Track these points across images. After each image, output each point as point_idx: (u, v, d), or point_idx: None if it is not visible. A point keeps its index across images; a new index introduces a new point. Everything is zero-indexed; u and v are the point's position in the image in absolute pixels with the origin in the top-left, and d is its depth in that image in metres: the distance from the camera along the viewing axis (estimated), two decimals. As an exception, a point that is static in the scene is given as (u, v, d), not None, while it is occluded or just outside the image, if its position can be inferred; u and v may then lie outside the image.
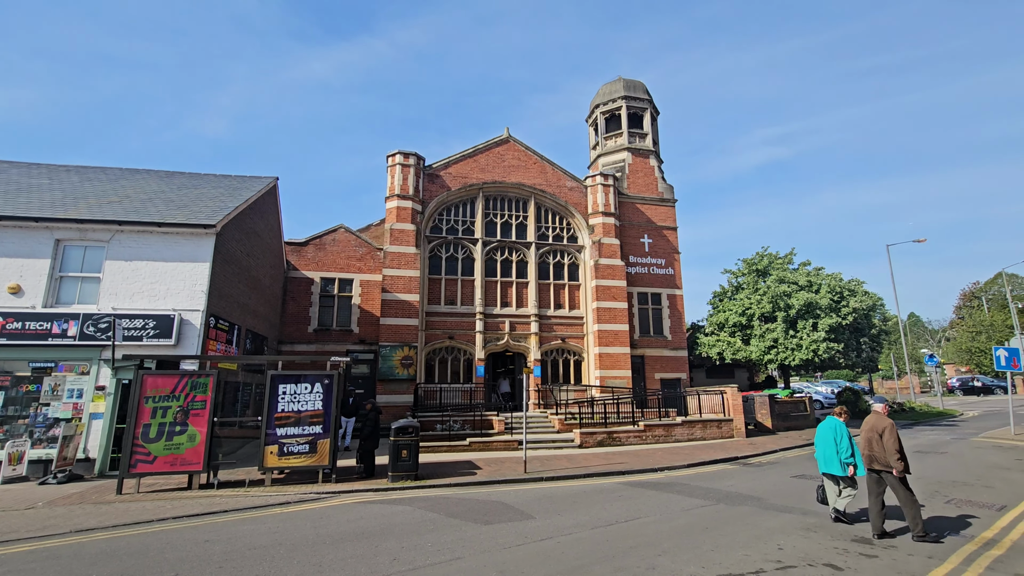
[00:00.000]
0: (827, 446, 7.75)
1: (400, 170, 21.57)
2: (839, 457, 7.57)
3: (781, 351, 21.12)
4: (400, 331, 20.01)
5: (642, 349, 23.60)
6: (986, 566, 5.81)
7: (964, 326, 64.77)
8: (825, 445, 7.79)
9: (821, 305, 20.46)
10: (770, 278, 22.77)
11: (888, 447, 6.96)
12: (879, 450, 7.10)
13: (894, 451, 6.89)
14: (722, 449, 15.77)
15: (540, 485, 10.97)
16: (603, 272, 22.82)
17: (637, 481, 11.32)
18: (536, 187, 23.51)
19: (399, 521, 7.99)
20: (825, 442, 7.80)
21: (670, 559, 6.09)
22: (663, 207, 25.73)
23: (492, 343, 21.65)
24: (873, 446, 7.18)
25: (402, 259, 20.65)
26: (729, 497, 9.52)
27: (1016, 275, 68.81)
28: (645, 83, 27.67)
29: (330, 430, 10.92)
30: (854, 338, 21.56)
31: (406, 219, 21.17)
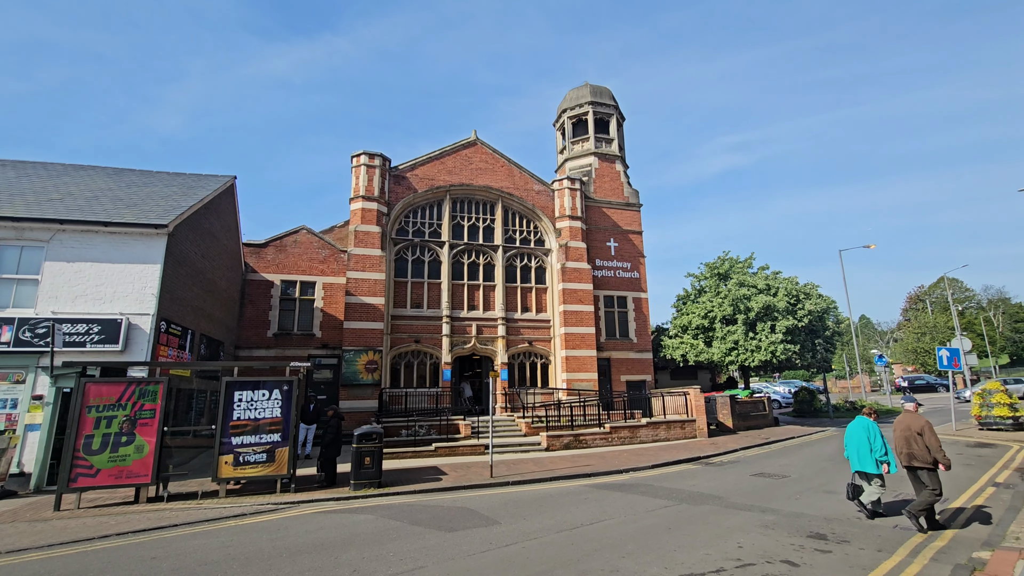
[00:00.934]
0: (861, 445, 7.96)
1: (365, 171, 21.20)
2: (873, 455, 7.80)
3: (741, 352, 21.75)
4: (364, 335, 19.62)
5: (608, 352, 23.88)
6: (930, 557, 6.08)
7: (910, 328, 68.37)
8: (859, 444, 7.99)
9: (779, 308, 21.20)
10: (731, 282, 23.45)
11: (932, 445, 7.24)
12: (919, 448, 7.35)
13: (939, 447, 7.22)
14: (685, 449, 16.08)
15: (507, 490, 10.90)
16: (570, 275, 23.00)
17: (603, 483, 11.40)
18: (504, 190, 23.51)
19: (361, 531, 7.78)
20: (858, 441, 8.01)
21: (634, 561, 6.13)
22: (629, 211, 26.17)
23: (459, 347, 21.48)
24: (912, 444, 7.42)
25: (367, 261, 20.27)
26: (692, 497, 9.69)
27: (957, 279, 73.18)
28: (611, 89, 28.12)
29: (289, 438, 10.58)
30: (810, 339, 22.41)
31: (371, 221, 20.80)
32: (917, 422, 7.47)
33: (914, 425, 7.46)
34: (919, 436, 7.36)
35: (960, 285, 73.31)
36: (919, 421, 7.47)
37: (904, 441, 7.53)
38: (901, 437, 7.60)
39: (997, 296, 73.78)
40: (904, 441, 7.53)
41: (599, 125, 27.20)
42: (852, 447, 8.12)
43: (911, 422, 7.54)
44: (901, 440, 7.59)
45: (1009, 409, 17.40)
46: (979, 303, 73.55)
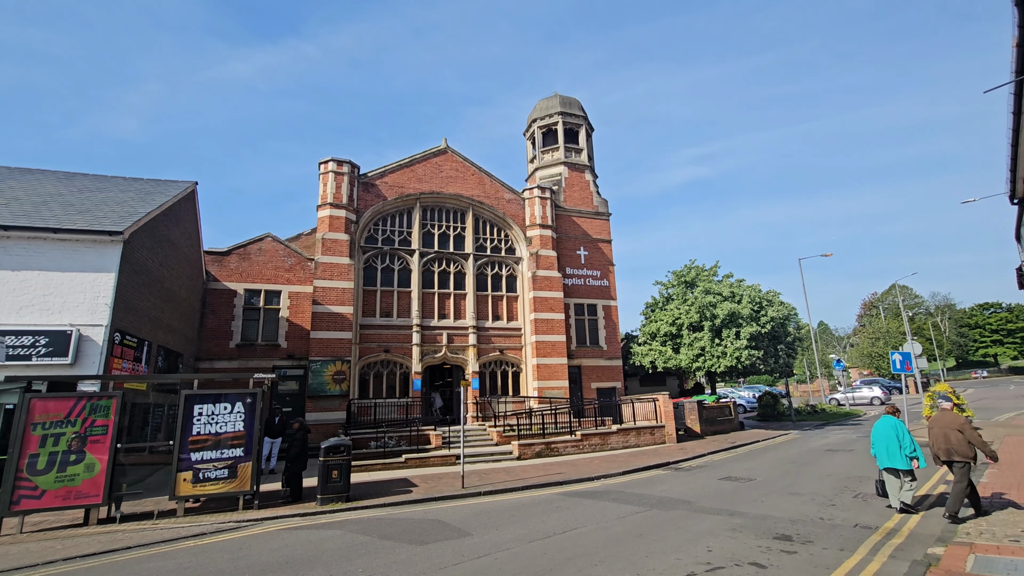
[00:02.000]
0: (890, 442, 8.26)
1: (333, 178, 20.86)
2: (902, 452, 8.11)
3: (708, 359, 22.25)
4: (332, 345, 19.19)
5: (579, 359, 24.03)
6: (888, 554, 6.30)
7: (865, 333, 71.35)
8: (888, 441, 8.29)
9: (743, 315, 21.81)
10: (697, 289, 24.01)
11: (975, 440, 7.62)
12: (958, 443, 7.70)
13: (983, 443, 7.61)
14: (655, 455, 16.27)
15: (478, 500, 10.78)
16: (541, 284, 23.10)
17: (574, 491, 11.41)
18: (474, 198, 23.50)
19: (328, 547, 7.55)
20: (887, 439, 8.31)
21: (606, 568, 6.13)
22: (598, 220, 26.52)
23: (429, 356, 21.25)
24: (951, 440, 7.78)
25: (335, 270, 19.88)
26: (662, 502, 9.79)
27: (907, 287, 76.93)
28: (580, 100, 28.57)
29: (253, 453, 10.22)
30: (772, 345, 23.11)
31: (339, 229, 20.45)
32: (957, 420, 7.90)
33: (954, 423, 7.88)
34: (960, 433, 7.75)
35: (910, 292, 77.13)
36: (959, 419, 7.90)
37: (943, 437, 7.92)
38: (940, 434, 7.99)
39: (944, 302, 77.91)
40: (943, 437, 7.92)
41: (568, 135, 27.55)
42: (881, 445, 8.40)
43: (950, 420, 7.96)
44: (940, 437, 7.97)
45: (956, 410, 18.25)
46: (927, 309, 77.50)
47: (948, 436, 7.88)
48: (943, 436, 7.95)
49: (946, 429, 7.95)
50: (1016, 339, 70.11)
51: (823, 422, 25.90)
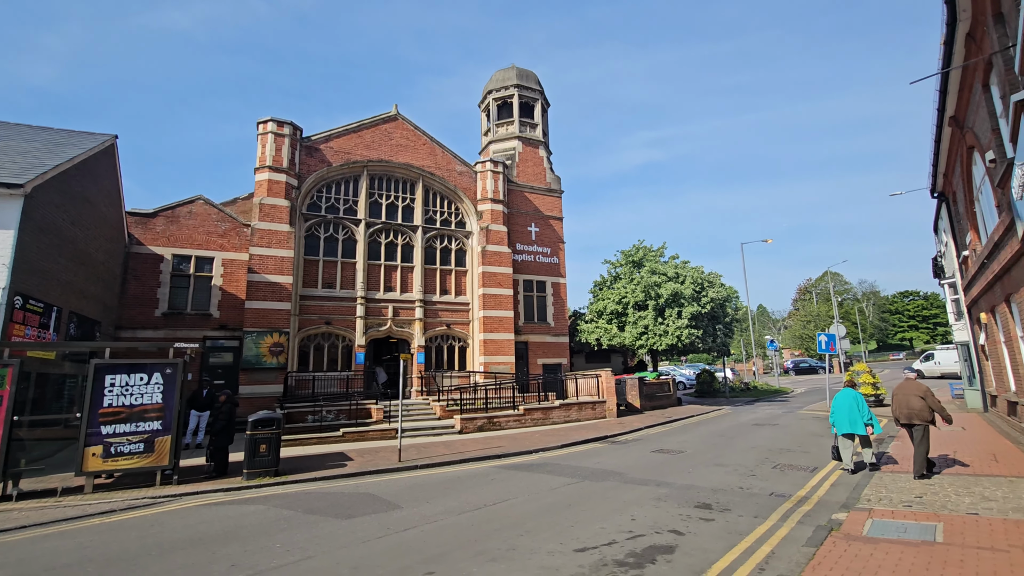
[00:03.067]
0: (851, 412, 9.14)
1: (273, 139, 19.66)
2: (862, 420, 9.06)
3: (651, 337, 22.89)
4: (269, 316, 18.37)
5: (526, 335, 24.17)
6: (797, 520, 6.66)
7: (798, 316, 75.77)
8: (849, 411, 9.16)
9: (685, 295, 22.49)
10: (644, 269, 24.52)
11: (935, 404, 8.39)
12: (919, 408, 8.46)
13: (941, 407, 8.38)
14: (594, 429, 16.67)
15: (414, 473, 10.68)
16: (490, 259, 22.91)
17: (512, 464, 11.50)
18: (425, 169, 22.84)
19: (248, 523, 7.24)
20: (848, 408, 9.18)
21: (531, 538, 6.17)
22: (550, 197, 26.46)
23: (374, 329, 20.76)
24: (913, 405, 8.53)
25: (273, 237, 18.91)
26: (595, 474, 10.01)
27: (839, 274, 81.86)
28: (538, 75, 28.11)
29: (172, 426, 9.64)
30: (711, 325, 24.02)
31: (279, 194, 19.39)
32: (920, 388, 8.68)
33: (917, 390, 8.65)
34: (921, 398, 8.49)
35: (841, 279, 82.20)
36: (921, 387, 8.69)
37: (904, 403, 8.68)
38: (903, 400, 8.73)
39: (870, 289, 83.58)
40: (904, 403, 8.68)
41: (524, 109, 27.12)
42: (842, 414, 9.23)
43: (913, 388, 8.73)
44: (901, 403, 8.74)
45: (872, 388, 19.70)
46: (855, 295, 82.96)
47: (910, 402, 8.62)
48: (905, 402, 8.70)
49: (908, 395, 8.70)
50: (929, 324, 76.32)
51: (754, 398, 27.36)
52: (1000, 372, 13.56)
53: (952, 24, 9.55)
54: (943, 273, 20.07)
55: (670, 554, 5.51)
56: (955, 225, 16.68)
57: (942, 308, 69.78)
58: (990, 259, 11.70)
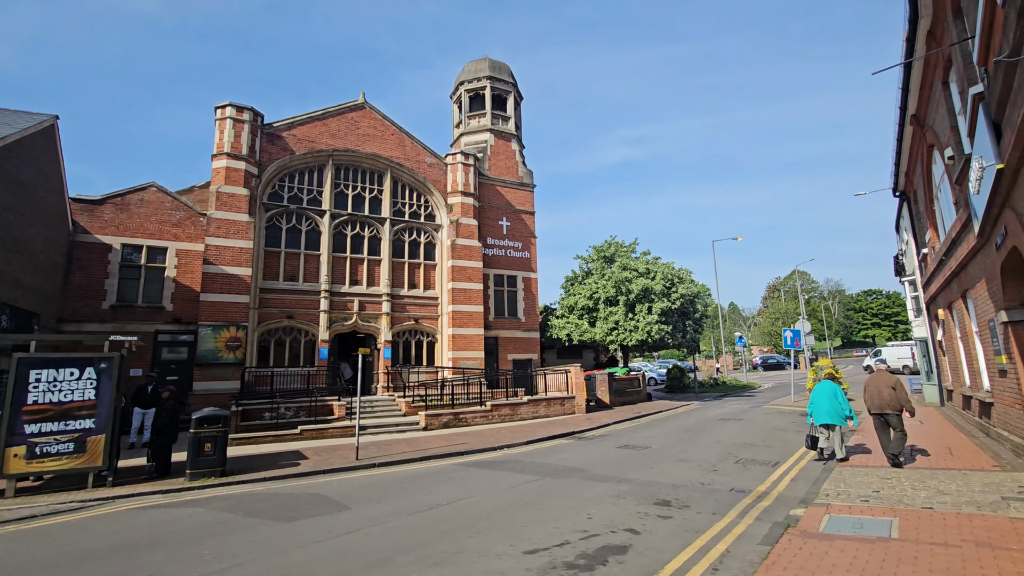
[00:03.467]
0: (830, 403, 9.34)
1: (232, 125, 18.82)
2: (840, 413, 9.27)
3: (621, 332, 22.86)
4: (226, 309, 17.60)
5: (496, 330, 23.86)
6: (755, 517, 6.53)
7: (767, 313, 77.41)
8: (828, 402, 9.36)
9: (656, 291, 22.52)
10: (615, 265, 24.47)
11: (902, 396, 8.79)
12: (889, 398, 8.84)
13: (908, 399, 8.79)
14: (562, 425, 16.49)
15: (371, 472, 10.28)
16: (460, 252, 22.50)
17: (474, 461, 11.19)
18: (393, 160, 22.27)
19: (181, 527, 6.76)
20: (827, 400, 9.38)
21: (481, 540, 5.87)
22: (522, 191, 26.17)
23: (339, 323, 20.15)
24: (884, 395, 8.89)
25: (231, 227, 18.13)
26: (557, 471, 9.78)
27: (806, 272, 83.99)
28: (516, 69, 27.75)
29: (107, 424, 9.02)
30: (681, 321, 24.15)
31: (237, 182, 18.59)
32: (891, 379, 9.03)
33: (889, 381, 9.01)
34: (892, 389, 8.88)
35: (808, 277, 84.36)
36: (892, 378, 9.04)
37: (876, 393, 9.03)
38: (874, 391, 9.09)
39: (835, 288, 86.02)
40: (876, 393, 9.03)
41: (496, 101, 26.72)
42: (821, 405, 9.42)
43: (885, 379, 9.07)
44: (874, 393, 9.08)
45: (835, 383, 20.00)
46: (821, 293, 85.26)
47: (882, 392, 8.96)
48: (877, 392, 9.03)
49: (880, 386, 9.02)
50: (891, 322, 78.96)
51: (723, 393, 27.68)
52: (956, 367, 13.86)
53: (914, 21, 9.57)
54: (904, 271, 20.53)
55: (623, 554, 5.28)
56: (915, 223, 17.03)
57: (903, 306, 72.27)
58: (948, 256, 11.89)
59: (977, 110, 6.68)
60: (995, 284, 8.34)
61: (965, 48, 8.41)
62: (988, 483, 7.38)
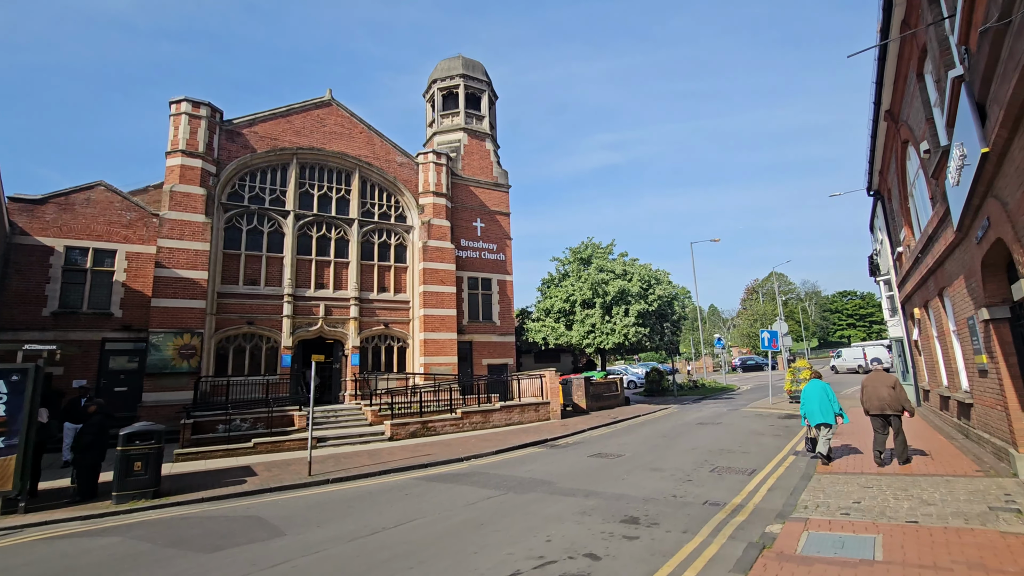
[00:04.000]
0: (822, 402, 9.09)
1: (187, 121, 17.86)
2: (833, 410, 9.07)
3: (598, 335, 22.36)
4: (179, 315, 16.59)
5: (470, 335, 23.17)
6: (729, 535, 5.97)
7: (746, 315, 78.12)
8: (820, 401, 9.10)
9: (632, 292, 22.08)
10: (591, 267, 23.99)
11: (901, 396, 8.58)
12: (889, 398, 8.60)
13: (907, 399, 8.59)
14: (536, 432, 15.86)
15: (322, 490, 9.50)
16: (432, 254, 21.79)
17: (437, 474, 10.49)
18: (362, 159, 21.48)
19: (87, 562, 5.94)
20: (819, 399, 9.12)
21: (424, 570, 5.20)
22: (497, 192, 25.57)
23: (303, 329, 19.25)
24: (884, 395, 8.66)
25: (186, 228, 17.14)
26: (522, 484, 9.14)
27: (784, 274, 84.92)
28: (492, 72, 27.26)
29: (21, 443, 8.10)
30: (659, 323, 23.76)
31: (193, 180, 17.62)
32: (889, 378, 8.82)
33: (887, 380, 8.79)
34: (892, 389, 8.65)
35: (786, 279, 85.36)
36: (891, 378, 8.83)
37: (875, 394, 8.78)
38: (872, 391, 8.84)
39: (812, 289, 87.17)
40: (875, 394, 8.78)
41: (470, 100, 26.12)
42: (813, 404, 9.16)
43: (883, 379, 8.86)
44: (872, 393, 8.83)
45: (812, 384, 19.78)
46: (799, 295, 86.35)
47: (880, 392, 8.73)
48: (876, 392, 8.80)
49: (878, 386, 8.80)
50: (866, 323, 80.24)
51: (701, 396, 27.36)
52: (933, 367, 13.61)
53: (888, 8, 9.26)
54: (878, 271, 20.42)
55: (579, 587, 4.65)
56: (890, 222, 16.86)
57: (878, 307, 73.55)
58: (924, 253, 11.60)
59: (959, 94, 6.28)
60: (974, 280, 7.98)
61: (941, 34, 8.08)
62: (973, 491, 6.96)
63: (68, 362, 16.05)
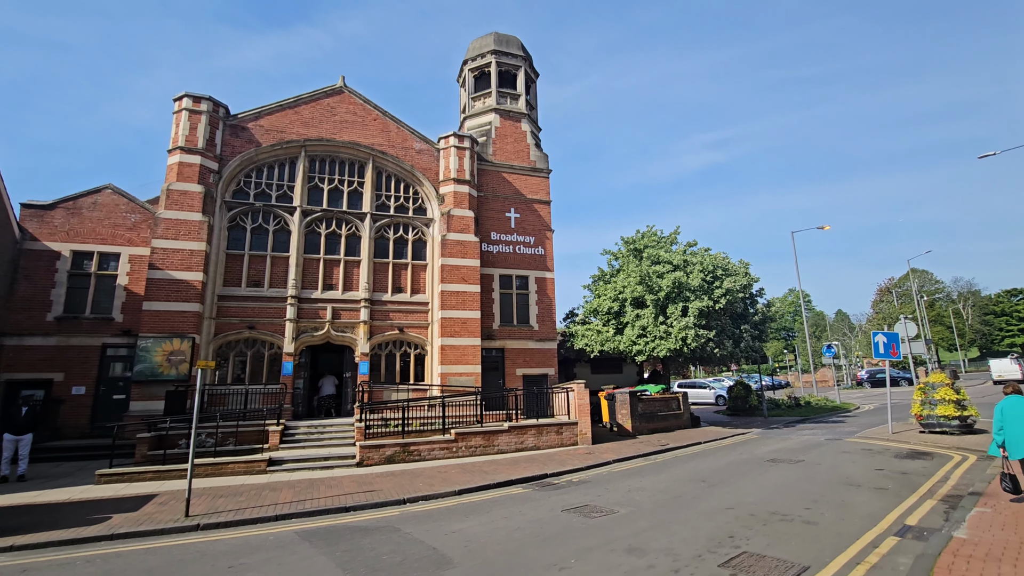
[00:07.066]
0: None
1: (188, 117, 17.08)
2: None
3: (649, 340, 18.09)
4: (172, 319, 15.55)
5: (502, 340, 20.08)
6: None
7: (877, 320, 65.94)
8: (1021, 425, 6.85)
9: (691, 286, 17.55)
10: (644, 259, 19.73)
11: None
12: None
13: None
14: (544, 462, 12.38)
15: (181, 540, 7.08)
16: (452, 249, 19.12)
17: (327, 527, 7.62)
18: (375, 147, 19.53)
19: None
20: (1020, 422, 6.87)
21: None
22: (535, 178, 22.36)
23: (308, 334, 17.52)
24: None
25: (182, 228, 16.21)
26: (401, 566, 5.92)
27: (927, 271, 70.76)
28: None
29: None
30: (733, 325, 18.84)
31: (191, 178, 16.70)
32: None
33: None
34: None
35: (930, 277, 71.06)
36: None
37: None
38: None
39: (967, 288, 71.67)
40: None
41: (504, 79, 23.29)
42: (1015, 431, 6.90)
43: None
44: None
45: (955, 407, 13.97)
46: (949, 295, 71.40)
47: None
48: None
49: None
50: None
51: (800, 418, 21.65)
52: None
53: None
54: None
55: None
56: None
57: (1063, 307, 58.09)
58: None
59: None
60: None
61: None
62: None
63: (68, 368, 15.74)
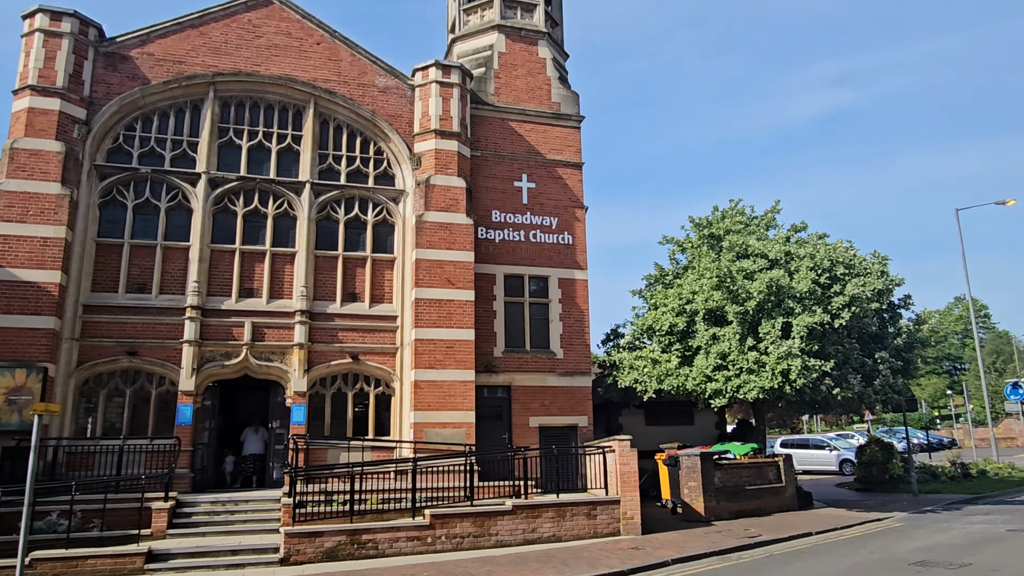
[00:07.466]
0: None
1: (42, 42, 17.23)
2: None
3: (733, 374, 17.50)
4: (13, 340, 15.56)
5: (508, 374, 19.78)
6: None
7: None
8: None
9: (797, 292, 16.91)
10: (725, 250, 19.19)
11: None
12: None
13: None
14: (560, 564, 12.02)
15: None
16: (432, 236, 18.89)
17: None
18: (319, 84, 19.51)
19: None
20: None
21: None
22: (559, 128, 22.15)
23: (216, 363, 17.44)
24: None
25: (31, 205, 16.28)
26: None
27: None
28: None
29: None
30: (862, 351, 18.16)
31: (47, 131, 16.80)
32: None
33: None
34: None
35: None
36: None
37: None
38: None
39: None
40: None
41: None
42: None
43: None
44: None
45: None
46: None
47: None
48: None
49: None
50: None
51: (969, 496, 21.02)
52: None
53: None
54: None
55: None
56: None
57: None
58: None
59: None
60: None
61: None
62: None
63: None
